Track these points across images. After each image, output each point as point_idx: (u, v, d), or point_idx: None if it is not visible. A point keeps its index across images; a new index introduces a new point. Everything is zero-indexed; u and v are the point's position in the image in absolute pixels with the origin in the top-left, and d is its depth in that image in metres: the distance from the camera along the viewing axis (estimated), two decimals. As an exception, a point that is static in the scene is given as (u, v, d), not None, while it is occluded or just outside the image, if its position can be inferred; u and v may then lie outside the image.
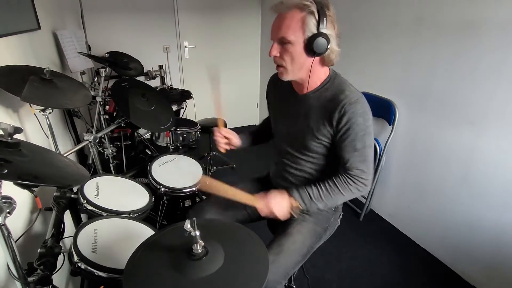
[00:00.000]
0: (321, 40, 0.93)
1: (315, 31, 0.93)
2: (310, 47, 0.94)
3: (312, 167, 1.13)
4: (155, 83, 3.12)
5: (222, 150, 1.24)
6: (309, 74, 1.01)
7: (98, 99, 1.84)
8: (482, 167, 1.59)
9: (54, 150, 1.32)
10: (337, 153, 1.05)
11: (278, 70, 1.03)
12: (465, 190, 1.69)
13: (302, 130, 1.08)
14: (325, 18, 0.92)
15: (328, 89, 1.04)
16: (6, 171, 0.59)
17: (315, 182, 1.08)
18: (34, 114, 1.28)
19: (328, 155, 1.09)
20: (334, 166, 1.13)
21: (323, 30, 0.93)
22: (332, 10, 0.94)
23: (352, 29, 2.15)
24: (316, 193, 1.03)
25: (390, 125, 2.00)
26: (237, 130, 1.32)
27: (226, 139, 1.22)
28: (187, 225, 0.66)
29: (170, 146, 2.37)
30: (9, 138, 0.66)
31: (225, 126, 1.27)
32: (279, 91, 1.19)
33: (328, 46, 0.94)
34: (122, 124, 1.71)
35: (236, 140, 1.25)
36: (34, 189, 0.72)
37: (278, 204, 1.02)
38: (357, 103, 0.97)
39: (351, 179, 1.02)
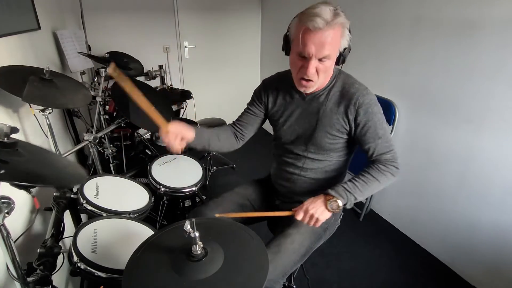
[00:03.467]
0: (348, 51, 0.99)
1: (346, 45, 0.97)
2: (342, 59, 0.98)
3: (319, 166, 1.14)
4: (155, 83, 3.12)
5: (179, 152, 1.02)
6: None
7: (98, 99, 1.84)
8: (482, 166, 1.59)
9: (54, 150, 1.32)
10: (360, 145, 1.07)
11: (307, 84, 1.00)
12: (464, 189, 1.69)
13: (314, 129, 1.09)
14: (350, 30, 0.96)
15: (336, 84, 1.07)
16: (2, 171, 0.58)
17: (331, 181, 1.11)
18: (34, 114, 1.28)
19: (338, 150, 1.11)
20: (337, 164, 1.14)
21: (350, 42, 0.97)
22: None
23: (352, 29, 2.13)
24: (351, 185, 1.00)
25: (390, 125, 2.00)
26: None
27: (179, 136, 1.01)
28: (187, 226, 0.66)
29: (170, 146, 2.36)
30: (5, 138, 0.66)
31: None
32: (282, 93, 1.17)
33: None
34: (122, 124, 1.71)
35: (189, 135, 1.04)
36: (31, 189, 0.72)
37: (315, 207, 0.97)
38: (368, 94, 1.03)
39: (382, 164, 1.04)
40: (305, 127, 1.11)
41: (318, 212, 0.96)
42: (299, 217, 0.98)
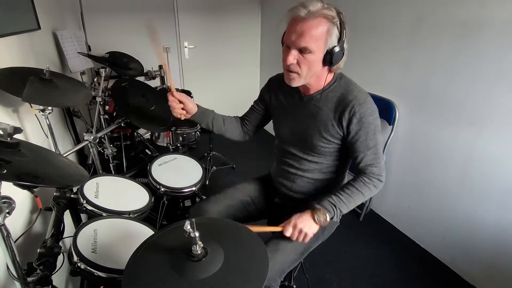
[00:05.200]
0: (340, 53, 0.96)
1: (336, 44, 0.94)
2: (329, 59, 0.95)
3: (315, 167, 1.14)
4: (155, 83, 3.12)
5: (178, 116, 1.14)
6: (318, 79, 1.04)
7: (98, 99, 1.84)
8: (482, 167, 1.59)
9: (54, 150, 1.32)
10: (349, 152, 1.07)
11: (290, 76, 1.01)
12: (465, 190, 1.69)
13: (308, 131, 1.09)
14: (344, 31, 0.94)
15: (335, 89, 1.05)
16: (5, 171, 0.59)
17: (325, 187, 1.13)
18: (35, 115, 1.28)
19: (333, 154, 1.11)
20: (335, 165, 1.15)
21: (342, 42, 0.95)
22: (344, 17, 0.95)
23: (352, 29, 2.12)
24: (336, 198, 1.02)
25: (390, 125, 2.00)
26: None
27: (181, 104, 1.12)
28: (187, 225, 0.66)
29: (170, 146, 2.37)
30: (8, 138, 0.66)
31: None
32: (283, 93, 1.18)
33: (343, 57, 0.98)
34: (122, 124, 1.71)
35: (192, 106, 1.15)
36: (34, 189, 0.72)
37: (303, 221, 0.99)
38: (366, 103, 1.00)
39: (366, 177, 1.04)
40: (301, 128, 1.11)
41: (307, 226, 0.98)
42: (288, 233, 0.99)
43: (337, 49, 0.94)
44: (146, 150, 2.53)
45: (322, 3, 0.92)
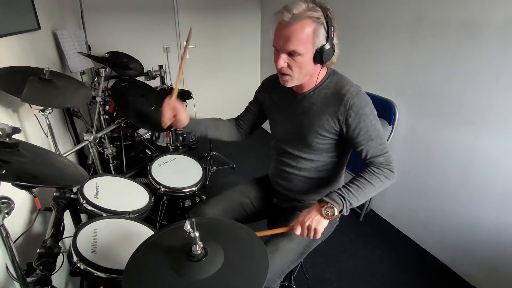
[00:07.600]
0: (330, 50, 0.95)
1: (324, 42, 0.94)
2: (319, 57, 0.95)
3: (312, 165, 1.14)
4: (155, 83, 3.12)
5: (164, 123, 1.10)
6: (312, 77, 1.04)
7: (98, 99, 1.84)
8: (482, 167, 1.59)
9: (53, 150, 1.32)
10: (353, 147, 1.05)
11: (284, 78, 1.01)
12: (464, 190, 1.69)
13: (303, 128, 1.09)
14: (332, 28, 0.93)
15: (328, 85, 1.06)
16: (4, 171, 0.58)
17: (327, 182, 1.11)
18: (34, 114, 1.28)
19: (329, 151, 1.11)
20: (331, 164, 1.14)
21: (331, 40, 0.94)
22: (332, 12, 0.94)
23: (352, 29, 2.15)
24: (344, 190, 0.96)
25: (390, 125, 2.00)
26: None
27: (174, 112, 1.10)
28: (187, 226, 0.66)
29: (170, 146, 2.37)
30: (7, 139, 0.66)
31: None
32: (277, 93, 1.18)
33: (334, 53, 0.97)
34: (122, 124, 1.71)
35: (183, 118, 1.12)
36: (33, 189, 0.72)
37: (310, 217, 0.95)
38: (359, 94, 1.00)
39: (376, 167, 1.00)
40: (297, 127, 1.11)
41: (315, 222, 0.94)
42: (298, 231, 0.96)
43: (326, 47, 0.94)
44: (146, 150, 2.53)
45: (306, 3, 0.91)
